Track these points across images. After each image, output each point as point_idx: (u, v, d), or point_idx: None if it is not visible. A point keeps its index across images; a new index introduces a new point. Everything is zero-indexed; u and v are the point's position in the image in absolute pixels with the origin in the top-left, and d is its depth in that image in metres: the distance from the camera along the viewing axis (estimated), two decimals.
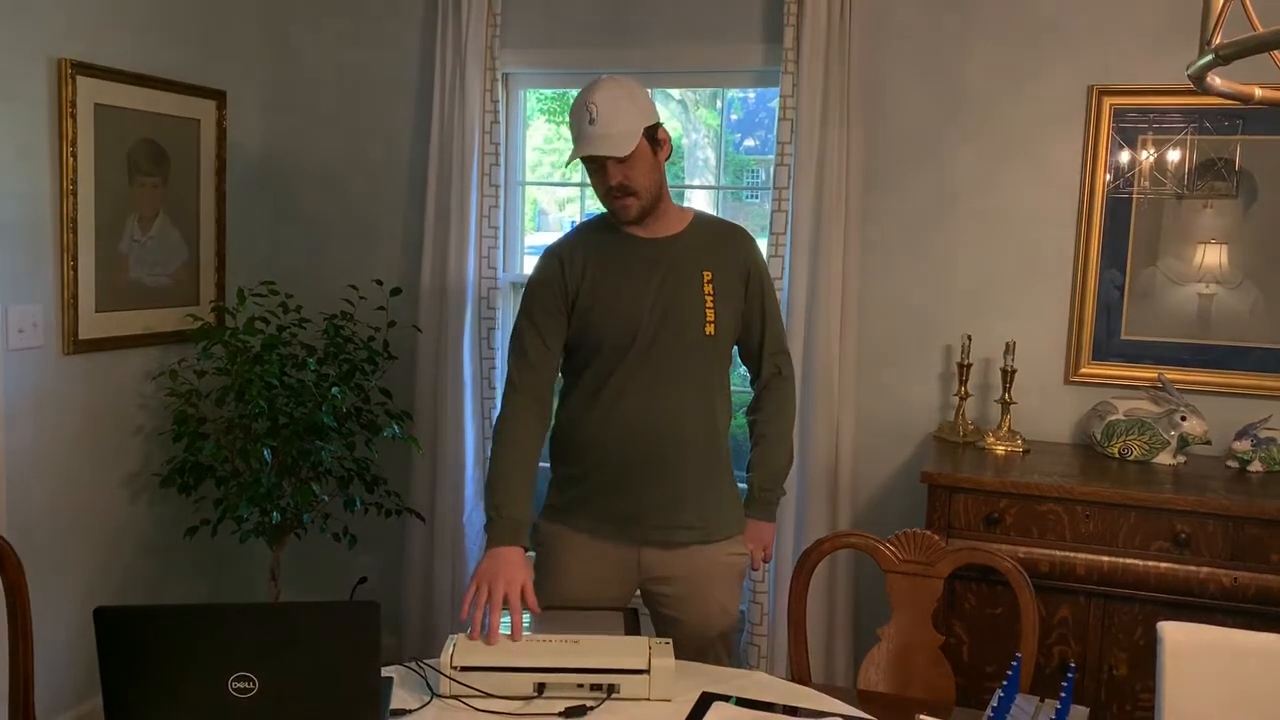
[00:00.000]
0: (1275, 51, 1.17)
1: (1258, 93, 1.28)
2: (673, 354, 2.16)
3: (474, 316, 3.37)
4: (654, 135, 2.14)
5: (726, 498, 2.26)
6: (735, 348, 2.33)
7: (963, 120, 3.05)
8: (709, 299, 2.16)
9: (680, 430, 2.17)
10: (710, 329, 2.17)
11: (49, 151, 2.86)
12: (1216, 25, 1.16)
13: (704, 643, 2.21)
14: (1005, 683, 1.62)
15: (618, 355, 2.17)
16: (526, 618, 2.19)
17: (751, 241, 2.29)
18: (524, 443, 2.18)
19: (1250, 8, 1.22)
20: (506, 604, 1.93)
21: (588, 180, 3.45)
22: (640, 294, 2.16)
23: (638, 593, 2.28)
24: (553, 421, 2.30)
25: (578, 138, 2.11)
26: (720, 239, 2.25)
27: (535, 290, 2.23)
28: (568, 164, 2.17)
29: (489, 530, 2.11)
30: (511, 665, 1.74)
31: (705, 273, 2.17)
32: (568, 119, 2.18)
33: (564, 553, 2.25)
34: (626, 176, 2.10)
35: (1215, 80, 1.24)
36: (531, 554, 2.15)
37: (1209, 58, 1.15)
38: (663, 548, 2.20)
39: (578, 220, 3.52)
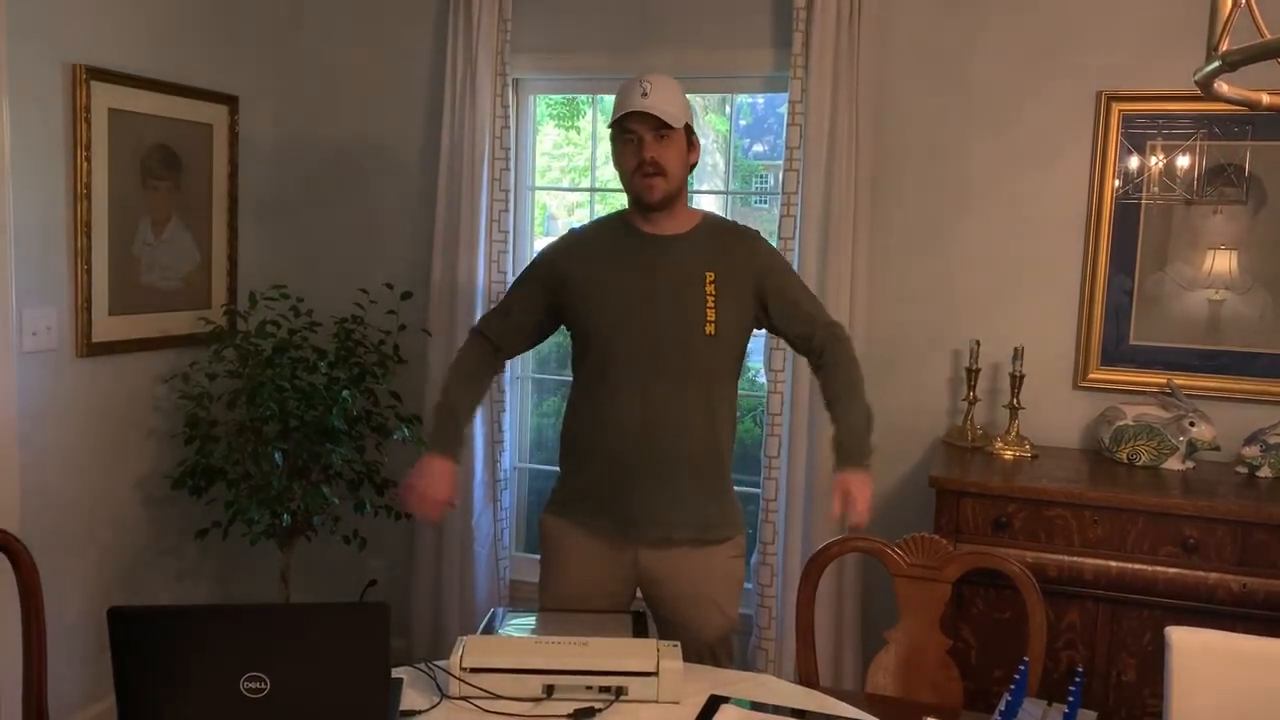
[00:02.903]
0: None
1: (1265, 99, 1.28)
2: (671, 353, 2.17)
3: None
4: (690, 134, 2.20)
5: (723, 500, 2.27)
6: (784, 342, 2.35)
7: (971, 126, 3.05)
8: (710, 299, 2.17)
9: (676, 431, 2.18)
10: (710, 329, 2.17)
11: (63, 156, 2.89)
12: (1223, 32, 1.16)
13: (701, 645, 2.22)
14: (1013, 686, 1.63)
15: (612, 350, 2.19)
16: (534, 619, 2.21)
17: (760, 240, 2.30)
18: (476, 376, 2.34)
19: (1257, 14, 1.22)
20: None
21: (597, 184, 3.45)
22: (636, 290, 2.18)
23: (639, 594, 2.30)
24: (565, 410, 2.35)
25: (627, 103, 2.14)
26: (727, 240, 2.26)
27: (528, 272, 2.37)
28: (612, 123, 2.18)
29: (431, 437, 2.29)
30: (521, 667, 1.75)
31: (708, 273, 2.18)
32: (615, 98, 2.21)
33: (564, 548, 2.28)
34: (661, 155, 2.14)
35: (1222, 86, 1.24)
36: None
37: (1215, 64, 1.16)
38: (658, 548, 2.21)
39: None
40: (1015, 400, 2.92)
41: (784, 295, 2.25)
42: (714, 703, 1.76)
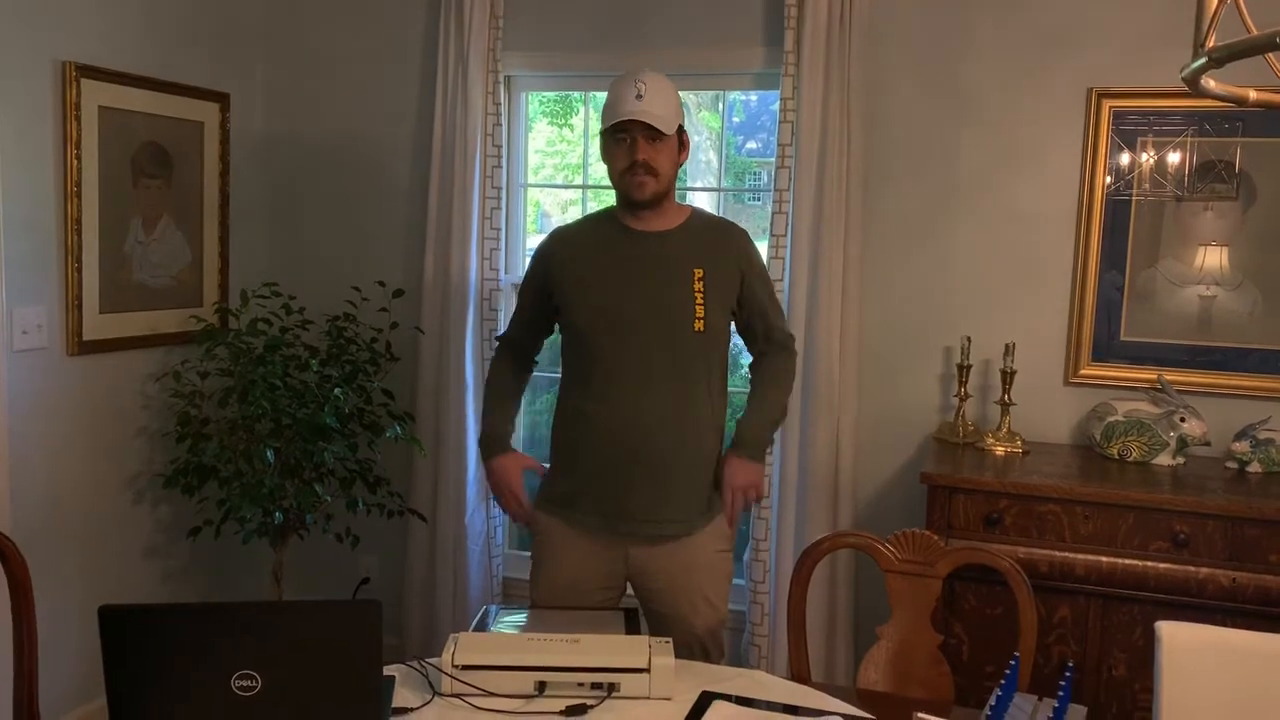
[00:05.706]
0: (1269, 54, 1.18)
1: (1252, 95, 1.28)
2: (660, 350, 2.18)
3: (476, 318, 3.38)
4: (681, 134, 2.22)
5: (712, 494, 2.28)
6: (742, 339, 2.36)
7: (963, 122, 3.06)
8: (699, 295, 2.18)
9: (666, 429, 2.19)
10: (699, 325, 2.18)
11: (53, 154, 2.88)
12: (1210, 28, 1.16)
13: (691, 638, 2.23)
14: (1004, 681, 1.63)
15: (601, 346, 2.20)
16: (526, 616, 2.21)
17: (746, 237, 2.32)
18: (505, 382, 2.47)
19: (1244, 10, 1.22)
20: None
21: (589, 181, 3.45)
22: (625, 287, 2.19)
23: (631, 591, 2.31)
24: (555, 407, 2.37)
25: (620, 105, 2.14)
26: (714, 236, 2.28)
27: (528, 272, 2.41)
28: (604, 128, 2.19)
29: (480, 447, 2.44)
30: (513, 664, 1.75)
31: (696, 270, 2.20)
32: (608, 93, 2.20)
33: (555, 544, 2.29)
34: (653, 157, 2.15)
35: (1209, 83, 1.25)
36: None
37: (1202, 60, 1.16)
38: (648, 543, 2.22)
39: None
40: (1006, 396, 2.93)
41: (755, 298, 2.29)
42: (706, 699, 1.76)
